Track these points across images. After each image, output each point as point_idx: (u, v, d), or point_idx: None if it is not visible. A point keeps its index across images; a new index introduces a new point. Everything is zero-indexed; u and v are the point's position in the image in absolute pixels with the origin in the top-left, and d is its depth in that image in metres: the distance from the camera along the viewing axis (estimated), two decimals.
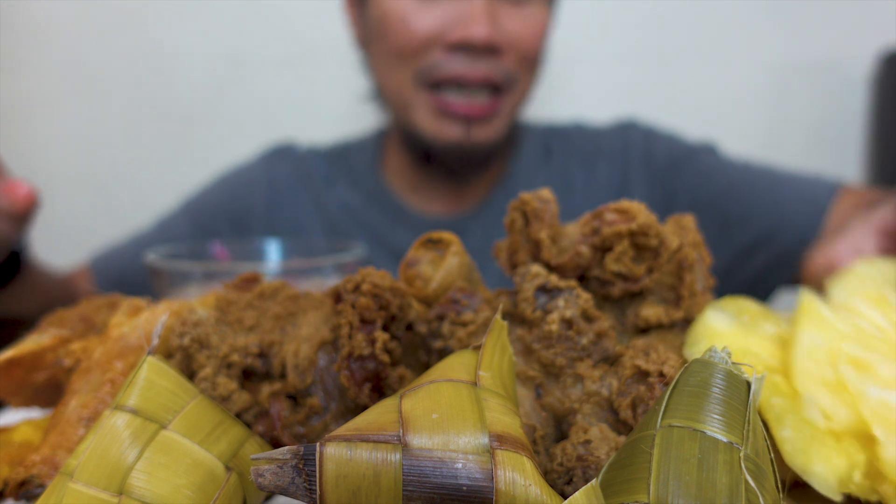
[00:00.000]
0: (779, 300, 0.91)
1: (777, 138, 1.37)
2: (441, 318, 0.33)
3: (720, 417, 0.25)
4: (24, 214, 0.63)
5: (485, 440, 0.24)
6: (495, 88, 0.80)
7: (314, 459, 0.23)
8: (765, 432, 0.28)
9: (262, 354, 0.33)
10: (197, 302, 0.38)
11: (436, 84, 0.79)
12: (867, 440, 0.28)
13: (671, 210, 0.91)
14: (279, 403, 0.32)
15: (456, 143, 0.82)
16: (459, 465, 0.23)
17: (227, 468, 0.30)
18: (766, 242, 0.84)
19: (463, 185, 0.93)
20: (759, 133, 1.37)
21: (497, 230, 0.91)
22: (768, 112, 1.37)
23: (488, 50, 0.77)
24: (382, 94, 0.89)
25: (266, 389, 0.33)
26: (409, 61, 0.80)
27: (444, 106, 0.80)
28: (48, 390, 0.38)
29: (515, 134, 0.97)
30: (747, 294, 0.37)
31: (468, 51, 0.77)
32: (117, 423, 0.29)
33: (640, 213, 0.33)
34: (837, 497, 0.27)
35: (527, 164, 0.97)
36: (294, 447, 0.24)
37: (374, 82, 0.90)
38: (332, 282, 0.58)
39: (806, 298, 0.32)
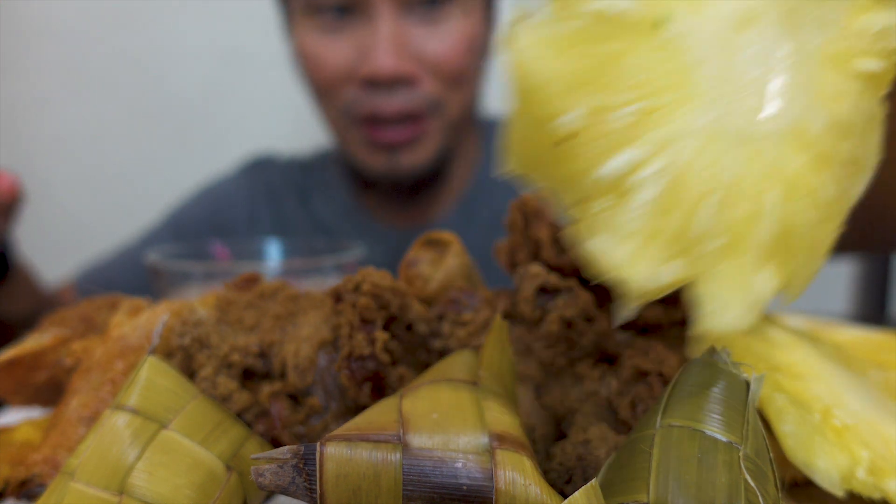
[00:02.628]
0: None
1: None
2: (441, 317, 0.33)
3: (720, 417, 0.25)
4: (6, 207, 0.61)
5: (485, 440, 0.24)
6: (414, 118, 0.77)
7: (314, 459, 0.23)
8: (764, 432, 0.28)
9: (262, 354, 0.33)
10: (197, 302, 0.38)
11: (360, 120, 0.78)
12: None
13: None
14: (279, 403, 0.32)
15: (384, 171, 0.81)
16: (459, 465, 0.23)
17: (228, 468, 0.30)
18: None
19: (423, 199, 0.90)
20: None
21: (474, 233, 0.90)
22: None
23: (398, 81, 0.74)
24: (324, 123, 0.87)
25: (266, 389, 0.33)
26: (331, 98, 0.79)
27: (369, 137, 0.78)
28: (49, 390, 0.38)
29: (481, 134, 0.94)
30: None
31: (378, 85, 0.74)
32: (118, 423, 0.29)
33: None
34: (840, 493, 0.27)
35: (495, 165, 0.94)
36: (294, 447, 0.24)
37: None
38: (332, 282, 0.58)
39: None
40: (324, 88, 0.79)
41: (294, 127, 1.37)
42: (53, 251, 1.42)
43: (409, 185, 0.85)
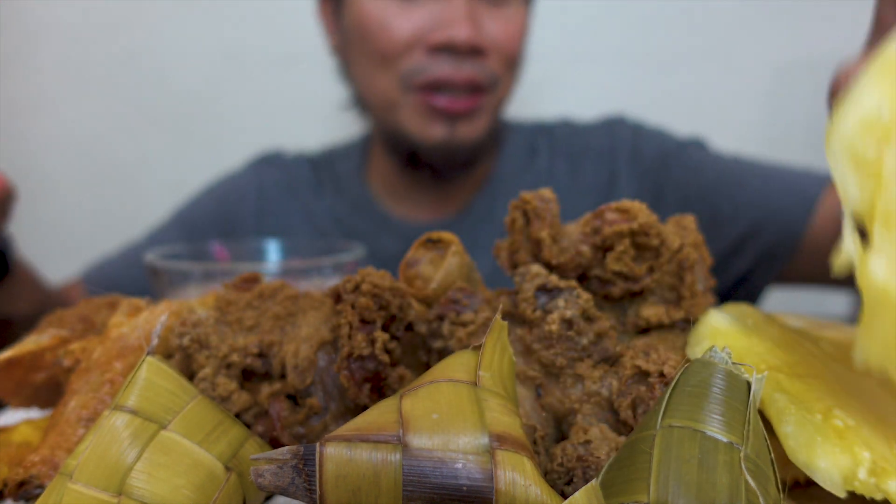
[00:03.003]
0: (766, 302, 0.90)
1: (777, 137, 1.37)
2: (441, 318, 0.33)
3: (720, 418, 0.25)
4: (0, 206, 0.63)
5: (485, 440, 0.24)
6: (478, 88, 0.80)
7: (314, 459, 0.23)
8: (765, 433, 0.28)
9: (261, 354, 0.33)
10: (196, 302, 0.38)
11: (420, 87, 0.79)
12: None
13: (659, 207, 0.91)
14: (279, 404, 0.32)
15: (441, 141, 0.82)
16: (459, 466, 0.23)
17: (227, 468, 0.30)
18: (754, 237, 0.83)
19: (447, 188, 0.93)
20: (759, 132, 1.37)
21: (481, 234, 0.91)
22: (768, 111, 1.37)
23: (471, 51, 0.77)
24: (364, 100, 0.88)
25: (266, 390, 0.33)
26: (392, 65, 0.80)
27: (429, 104, 0.79)
28: (47, 390, 0.38)
29: (499, 135, 0.96)
30: (736, 295, 0.37)
31: (451, 52, 0.77)
32: (117, 424, 0.29)
33: (641, 212, 0.33)
34: (842, 494, 0.27)
35: (511, 165, 0.96)
36: (294, 447, 0.24)
37: (354, 89, 0.90)
38: (332, 282, 0.58)
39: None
40: (387, 54, 0.79)
41: (294, 126, 1.37)
42: (53, 251, 1.42)
43: (461, 161, 0.85)
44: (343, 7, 0.86)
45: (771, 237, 0.82)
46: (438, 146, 0.82)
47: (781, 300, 0.93)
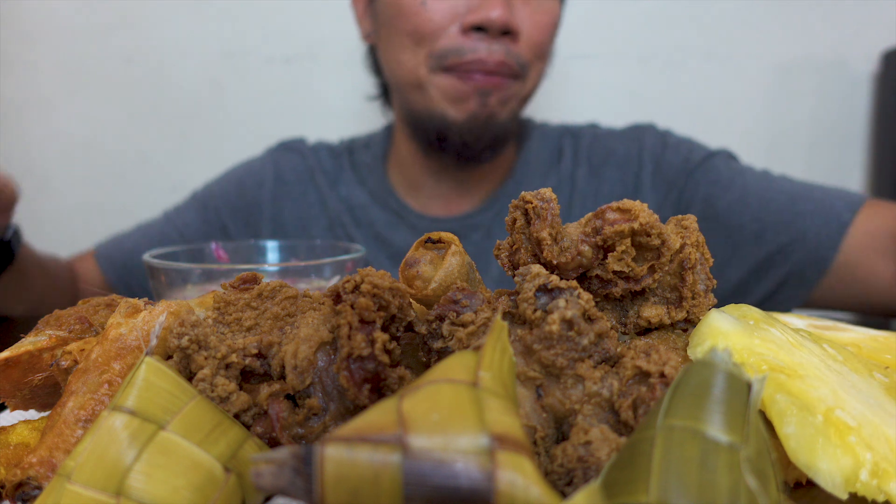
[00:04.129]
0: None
1: (780, 137, 1.37)
2: (441, 318, 0.33)
3: (721, 418, 0.25)
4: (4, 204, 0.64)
5: (485, 441, 0.24)
6: (508, 71, 0.81)
7: (314, 460, 0.23)
8: (766, 433, 0.28)
9: (260, 355, 0.33)
10: (195, 302, 0.38)
11: (452, 67, 0.80)
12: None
13: None
14: (278, 404, 0.32)
15: (472, 115, 0.82)
16: (459, 466, 0.23)
17: (226, 469, 0.30)
18: (781, 259, 0.82)
19: (468, 179, 0.93)
20: (762, 132, 1.37)
21: (498, 231, 0.91)
22: (772, 110, 1.37)
23: (505, 32, 0.79)
24: (392, 82, 0.89)
25: (265, 390, 0.33)
26: (425, 44, 0.81)
27: (463, 80, 0.80)
28: (45, 391, 0.38)
29: (522, 131, 0.97)
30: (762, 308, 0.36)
31: (485, 33, 0.79)
32: (115, 424, 0.29)
33: (642, 212, 0.33)
34: (843, 495, 0.26)
35: (533, 164, 0.96)
36: (293, 448, 0.24)
37: (384, 73, 0.90)
38: (331, 282, 0.58)
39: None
40: (422, 33, 0.81)
41: (294, 126, 1.37)
42: (53, 250, 1.42)
43: (488, 140, 0.86)
44: None
45: (800, 260, 0.81)
46: (468, 120, 0.83)
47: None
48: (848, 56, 1.34)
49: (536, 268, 0.32)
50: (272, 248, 0.71)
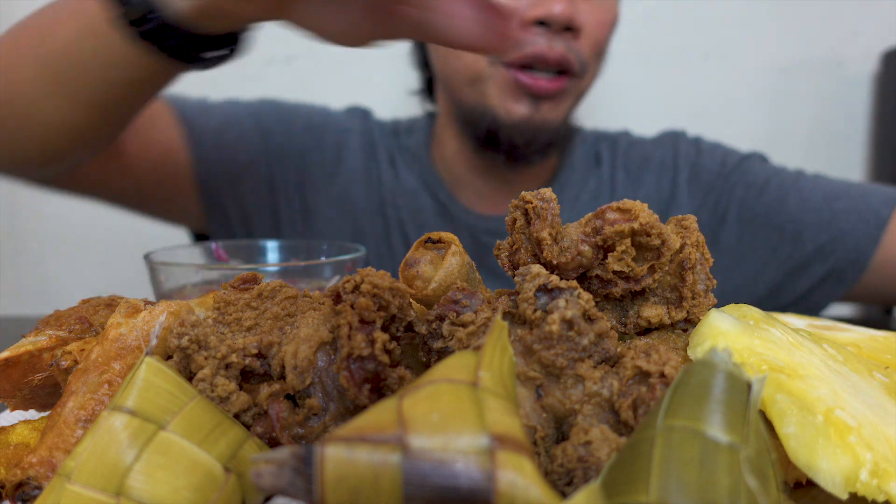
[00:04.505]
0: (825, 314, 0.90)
1: (780, 137, 1.37)
2: (441, 318, 0.33)
3: (721, 418, 0.25)
4: None
5: (485, 441, 0.24)
6: (567, 69, 0.79)
7: (314, 460, 0.23)
8: (766, 433, 0.28)
9: (260, 355, 0.33)
10: (195, 302, 0.38)
11: (511, 62, 0.79)
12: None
13: (722, 225, 0.89)
14: (278, 404, 0.32)
15: (524, 119, 0.81)
16: (459, 466, 0.23)
17: (226, 469, 0.30)
18: (821, 258, 0.82)
19: (512, 180, 0.92)
20: (762, 132, 1.37)
21: None
22: (771, 111, 1.37)
23: (567, 27, 0.77)
24: (445, 76, 0.87)
25: (265, 390, 0.33)
26: None
27: (518, 80, 0.79)
28: (45, 391, 0.38)
29: (569, 135, 0.96)
30: (796, 309, 0.36)
31: (547, 27, 0.77)
32: (115, 424, 0.29)
33: (642, 212, 0.33)
34: (843, 495, 0.26)
35: (577, 168, 0.96)
36: (293, 448, 0.24)
37: (433, 68, 0.89)
38: (331, 282, 0.58)
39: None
40: None
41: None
42: (53, 250, 1.42)
43: (540, 144, 0.84)
44: None
45: (839, 258, 0.81)
46: (520, 123, 0.82)
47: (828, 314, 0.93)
48: (847, 56, 1.34)
49: (536, 268, 0.32)
50: (272, 248, 0.71)
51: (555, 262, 0.34)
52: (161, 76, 0.60)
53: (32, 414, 0.40)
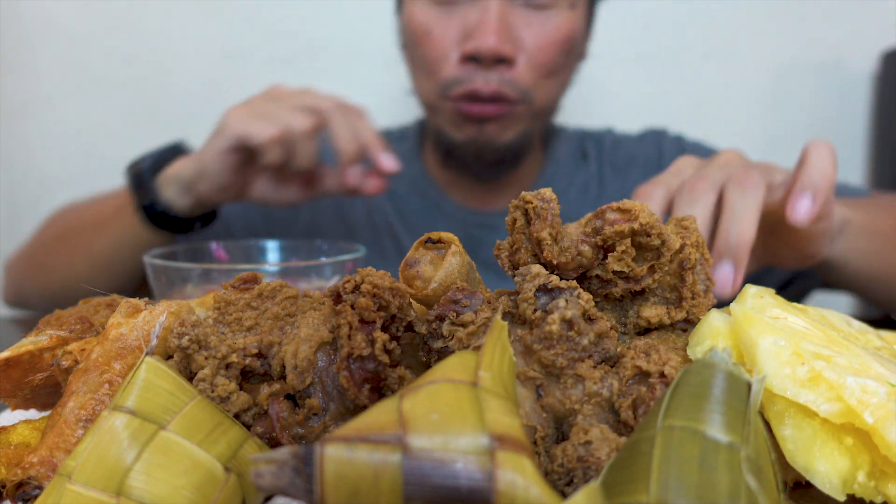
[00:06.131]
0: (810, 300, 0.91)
1: (779, 137, 1.37)
2: (441, 318, 0.33)
3: (721, 418, 0.25)
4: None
5: (485, 441, 0.24)
6: (507, 100, 0.82)
7: (314, 460, 0.23)
8: (766, 433, 0.28)
9: (260, 355, 0.33)
10: (195, 302, 0.38)
11: (456, 97, 0.82)
12: (858, 431, 0.27)
13: None
14: (278, 404, 0.32)
15: (469, 140, 0.85)
16: (459, 466, 0.23)
17: (226, 469, 0.30)
18: None
19: (490, 183, 0.95)
20: (761, 132, 1.37)
21: None
22: (770, 111, 1.37)
23: (497, 61, 0.79)
24: (416, 95, 0.91)
25: (265, 390, 0.33)
26: (433, 73, 0.83)
27: (462, 111, 0.82)
28: (46, 391, 0.38)
29: (548, 137, 0.98)
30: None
31: (479, 62, 0.79)
32: (116, 424, 0.29)
33: (642, 212, 0.33)
34: (841, 497, 0.26)
35: (563, 164, 0.98)
36: (294, 448, 0.24)
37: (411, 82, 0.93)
38: (331, 282, 0.58)
39: (742, 310, 0.32)
40: (428, 63, 0.83)
41: None
42: None
43: (490, 160, 0.88)
44: (400, 10, 0.89)
45: None
46: (467, 144, 0.86)
47: (813, 301, 0.93)
48: (847, 56, 1.34)
49: (536, 268, 0.32)
50: (272, 248, 0.71)
51: (555, 262, 0.34)
52: (158, 243, 0.80)
53: (33, 414, 0.40)
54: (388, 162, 0.72)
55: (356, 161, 0.71)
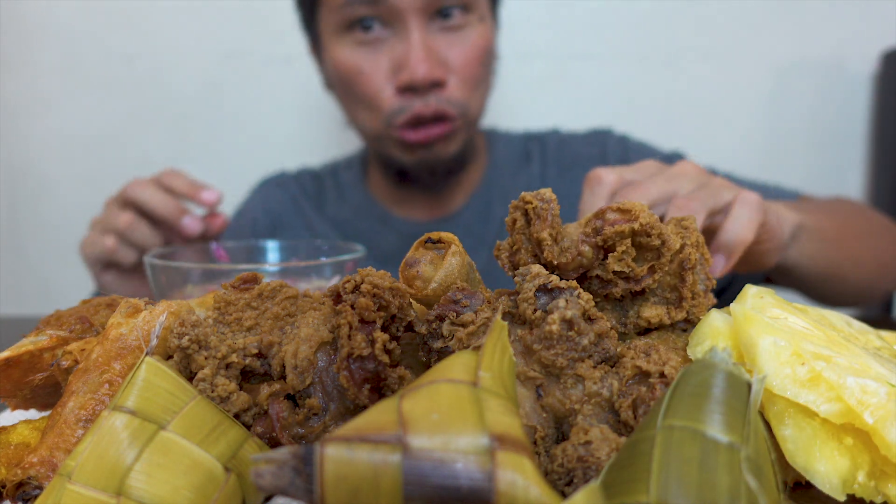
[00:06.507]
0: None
1: (779, 138, 1.37)
2: (441, 318, 0.33)
3: (721, 418, 0.25)
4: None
5: (485, 441, 0.24)
6: (446, 117, 0.87)
7: (314, 460, 0.23)
8: (766, 433, 0.28)
9: (261, 355, 0.33)
10: (195, 302, 0.38)
11: (400, 126, 0.86)
12: (858, 431, 0.28)
13: None
14: (278, 404, 0.32)
15: (421, 160, 0.90)
16: (459, 466, 0.23)
17: (226, 469, 0.30)
18: None
19: (440, 193, 1.00)
20: (761, 132, 1.37)
21: (476, 229, 0.99)
22: (770, 111, 1.37)
23: (432, 85, 0.84)
24: (357, 130, 0.96)
25: (265, 390, 0.33)
26: (374, 108, 0.87)
27: (408, 139, 0.87)
28: (46, 391, 0.38)
29: (478, 144, 1.03)
30: (726, 296, 0.37)
31: (415, 90, 0.84)
32: (116, 424, 0.29)
33: (642, 213, 0.33)
34: (841, 497, 0.26)
35: (505, 168, 1.03)
36: (294, 448, 0.24)
37: (347, 118, 0.97)
38: (331, 282, 0.58)
39: (742, 310, 0.32)
40: (367, 100, 0.87)
41: (293, 126, 1.37)
42: (53, 251, 1.42)
43: (442, 173, 0.94)
44: (322, 52, 0.94)
45: None
46: (419, 164, 0.91)
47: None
48: (847, 57, 1.34)
49: (536, 268, 0.32)
50: (272, 248, 0.71)
51: (555, 262, 0.34)
52: None
53: (33, 414, 0.40)
54: (208, 196, 0.75)
55: (182, 214, 0.74)
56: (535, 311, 0.31)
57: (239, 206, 1.09)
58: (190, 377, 0.33)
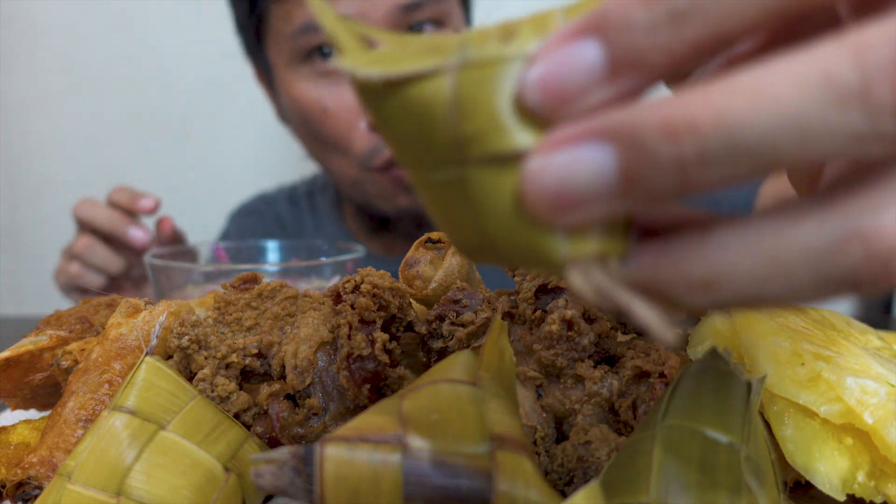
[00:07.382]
0: None
1: None
2: (441, 318, 0.33)
3: (721, 418, 0.25)
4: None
5: (485, 441, 0.24)
6: None
7: (314, 460, 0.23)
8: (766, 433, 0.28)
9: (260, 355, 0.33)
10: (195, 302, 0.38)
11: (378, 167, 0.77)
12: (858, 431, 0.28)
13: None
14: (278, 404, 0.32)
15: (409, 207, 0.80)
16: (460, 466, 0.23)
17: (226, 469, 0.30)
18: None
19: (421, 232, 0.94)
20: None
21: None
22: None
23: None
24: (328, 174, 0.87)
25: (265, 390, 0.33)
26: (346, 149, 0.77)
27: (392, 178, 0.78)
28: (46, 391, 0.38)
29: None
30: None
31: None
32: (115, 424, 0.29)
33: None
34: (841, 497, 0.26)
35: None
36: (293, 448, 0.24)
37: (312, 158, 0.87)
38: (331, 282, 0.58)
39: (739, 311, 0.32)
40: (337, 140, 0.77)
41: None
42: (53, 251, 1.42)
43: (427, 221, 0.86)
44: (275, 84, 0.83)
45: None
46: (407, 212, 0.81)
47: None
48: None
49: None
50: (272, 248, 0.71)
51: None
52: None
53: (33, 414, 0.40)
54: (145, 203, 0.75)
55: (126, 226, 0.73)
56: (534, 311, 0.31)
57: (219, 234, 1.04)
58: (190, 377, 0.33)
